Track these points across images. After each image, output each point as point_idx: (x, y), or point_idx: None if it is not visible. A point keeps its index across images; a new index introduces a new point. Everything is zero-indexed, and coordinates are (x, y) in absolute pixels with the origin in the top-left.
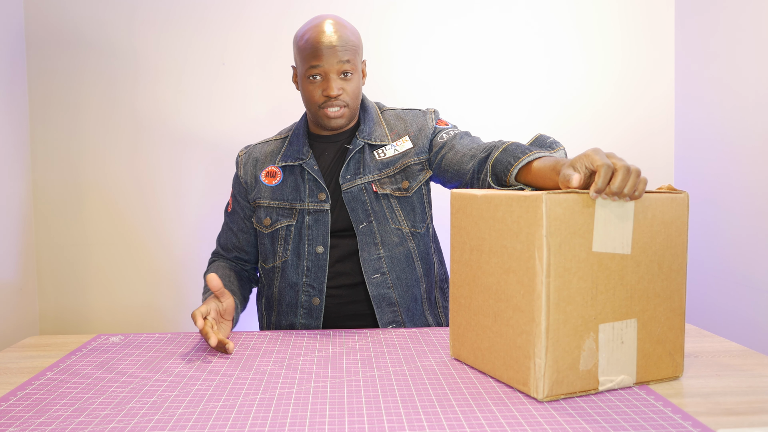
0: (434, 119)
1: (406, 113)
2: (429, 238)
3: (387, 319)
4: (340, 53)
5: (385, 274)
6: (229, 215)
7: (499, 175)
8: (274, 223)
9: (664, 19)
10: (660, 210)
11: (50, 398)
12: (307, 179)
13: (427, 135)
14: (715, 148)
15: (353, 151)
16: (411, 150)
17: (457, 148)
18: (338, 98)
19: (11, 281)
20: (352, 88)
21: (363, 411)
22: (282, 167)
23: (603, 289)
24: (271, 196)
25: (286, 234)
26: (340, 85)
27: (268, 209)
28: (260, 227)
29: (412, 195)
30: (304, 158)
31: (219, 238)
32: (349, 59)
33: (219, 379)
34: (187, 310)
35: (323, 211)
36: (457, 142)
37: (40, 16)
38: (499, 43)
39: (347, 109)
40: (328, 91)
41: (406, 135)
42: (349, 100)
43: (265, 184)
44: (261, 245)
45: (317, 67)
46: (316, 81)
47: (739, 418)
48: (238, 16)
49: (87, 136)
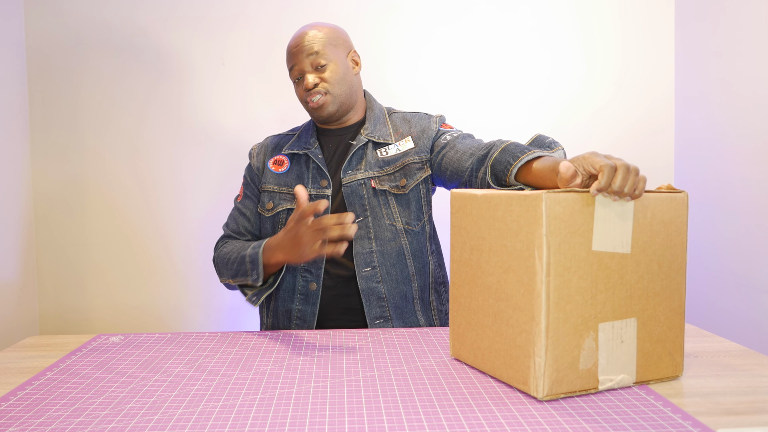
0: (439, 122)
1: (413, 116)
2: (425, 237)
3: (374, 313)
4: (306, 48)
5: (376, 268)
6: (240, 202)
7: (498, 175)
8: (276, 206)
9: (664, 19)
10: (660, 209)
11: (50, 398)
12: (311, 167)
13: (429, 136)
14: (715, 148)
15: (356, 147)
16: (412, 150)
17: (458, 147)
18: (315, 88)
19: (11, 281)
20: (329, 76)
21: (363, 411)
22: (289, 156)
23: (603, 289)
24: (277, 182)
25: (286, 218)
26: (314, 77)
27: (271, 194)
28: (263, 211)
29: (409, 192)
30: (310, 148)
31: (228, 224)
32: (318, 50)
33: (219, 379)
34: (188, 310)
35: (324, 197)
36: (459, 142)
37: (41, 16)
38: (499, 43)
39: (329, 96)
40: (304, 85)
41: (409, 135)
42: (329, 86)
43: (273, 171)
44: (263, 230)
45: (293, 68)
46: (299, 81)
47: (739, 418)
48: (238, 16)
49: (87, 135)
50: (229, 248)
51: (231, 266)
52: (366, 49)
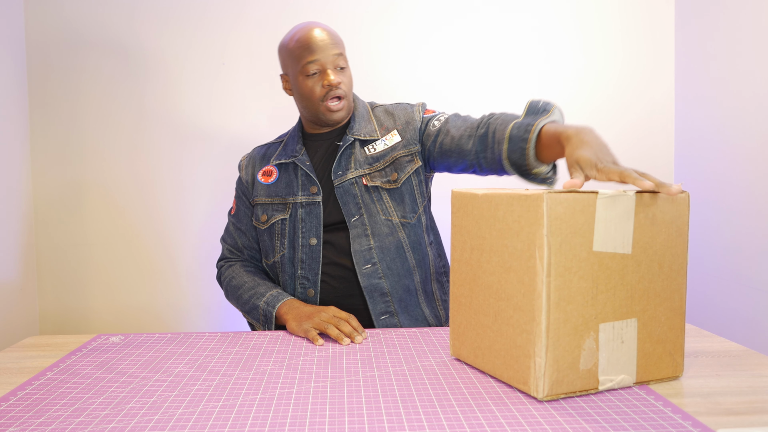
0: (421, 110)
1: (395, 107)
2: (421, 228)
3: (379, 309)
4: (332, 47)
5: (376, 264)
6: (234, 216)
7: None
8: (270, 218)
9: (664, 19)
10: (661, 210)
11: (50, 398)
12: (299, 175)
13: (415, 127)
14: (715, 147)
15: (343, 147)
16: (399, 143)
17: (452, 132)
18: (339, 87)
19: (11, 281)
20: (347, 81)
21: (363, 411)
22: (277, 166)
23: (603, 289)
24: (267, 193)
25: (281, 228)
26: (337, 77)
27: (264, 206)
28: (258, 224)
29: (401, 186)
30: (296, 155)
31: (225, 239)
32: (341, 53)
33: (219, 379)
34: (187, 310)
35: (315, 203)
36: (451, 126)
37: (41, 15)
38: (500, 42)
39: (346, 101)
40: (328, 80)
41: (395, 129)
42: (346, 91)
43: (262, 183)
44: (261, 242)
45: (314, 62)
46: (314, 76)
47: (739, 418)
48: (238, 16)
49: (87, 135)
50: (239, 280)
51: (242, 304)
52: (366, 49)
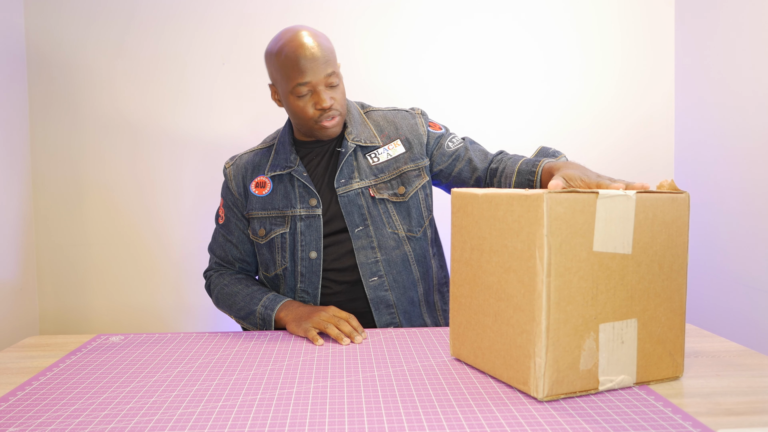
0: (425, 122)
1: (395, 114)
2: (427, 242)
3: (384, 320)
4: (323, 66)
5: (383, 277)
6: (223, 227)
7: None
8: (269, 232)
9: (664, 19)
10: (661, 210)
11: (50, 398)
12: (297, 186)
13: (421, 142)
14: (716, 149)
15: (346, 155)
16: (404, 155)
17: (474, 162)
18: (332, 108)
19: (11, 281)
20: (340, 97)
21: (363, 411)
22: (271, 177)
23: (603, 289)
24: (263, 206)
25: (281, 242)
26: (330, 95)
27: (261, 220)
28: (256, 238)
29: (409, 200)
30: (292, 166)
31: (214, 249)
32: (333, 71)
33: (219, 379)
34: (187, 310)
35: (315, 216)
36: (472, 155)
37: (40, 15)
38: (500, 46)
39: (340, 117)
40: (321, 104)
41: (398, 138)
42: (340, 108)
43: (256, 195)
44: (260, 255)
45: (305, 83)
46: (304, 97)
47: (739, 418)
48: (239, 16)
49: (87, 135)
50: (231, 289)
51: (237, 310)
52: (366, 51)
